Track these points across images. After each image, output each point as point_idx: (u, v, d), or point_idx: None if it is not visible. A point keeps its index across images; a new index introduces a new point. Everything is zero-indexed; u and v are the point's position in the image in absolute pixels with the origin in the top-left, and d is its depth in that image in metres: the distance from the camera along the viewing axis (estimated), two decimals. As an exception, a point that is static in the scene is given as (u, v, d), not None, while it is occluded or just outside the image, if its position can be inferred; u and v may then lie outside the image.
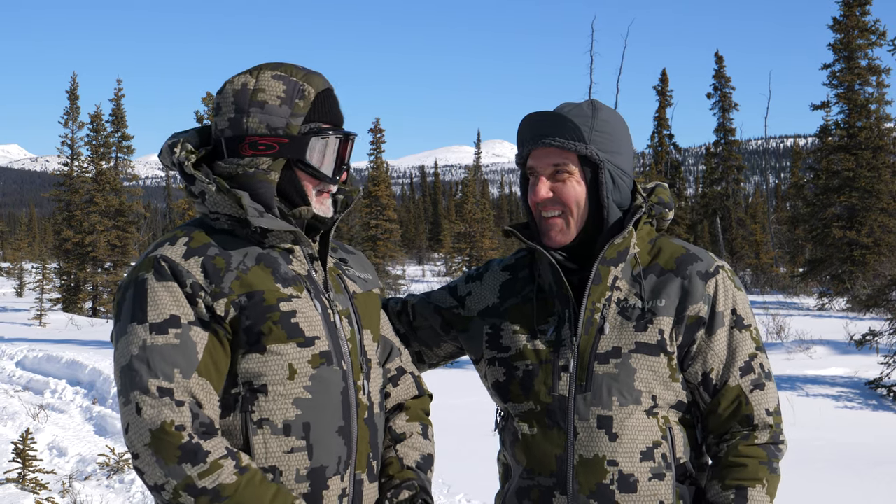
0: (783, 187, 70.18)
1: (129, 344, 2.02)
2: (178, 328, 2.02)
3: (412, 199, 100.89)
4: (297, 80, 2.18)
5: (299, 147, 2.16)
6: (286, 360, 2.08)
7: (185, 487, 1.93)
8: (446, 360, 2.65)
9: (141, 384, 1.97)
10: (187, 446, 1.93)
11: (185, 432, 1.94)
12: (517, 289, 2.44)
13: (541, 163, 2.32)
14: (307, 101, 2.17)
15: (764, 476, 2.23)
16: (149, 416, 1.94)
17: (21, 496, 6.59)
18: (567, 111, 2.32)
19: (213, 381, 2.04)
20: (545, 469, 2.29)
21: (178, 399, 1.96)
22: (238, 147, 2.17)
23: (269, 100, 2.15)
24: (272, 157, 2.16)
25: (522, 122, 2.36)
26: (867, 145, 29.22)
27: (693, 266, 2.31)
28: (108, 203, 31.01)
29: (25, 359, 14.48)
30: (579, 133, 2.28)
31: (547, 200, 2.31)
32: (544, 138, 2.30)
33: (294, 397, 2.07)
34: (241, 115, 2.16)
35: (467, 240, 37.48)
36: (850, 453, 8.15)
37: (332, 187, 2.24)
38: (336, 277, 2.27)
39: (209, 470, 1.93)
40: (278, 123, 2.15)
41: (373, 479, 2.21)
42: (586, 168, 2.31)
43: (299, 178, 2.18)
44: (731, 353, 2.30)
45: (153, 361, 1.98)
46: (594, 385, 2.26)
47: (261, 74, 2.18)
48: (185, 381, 1.99)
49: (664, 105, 40.23)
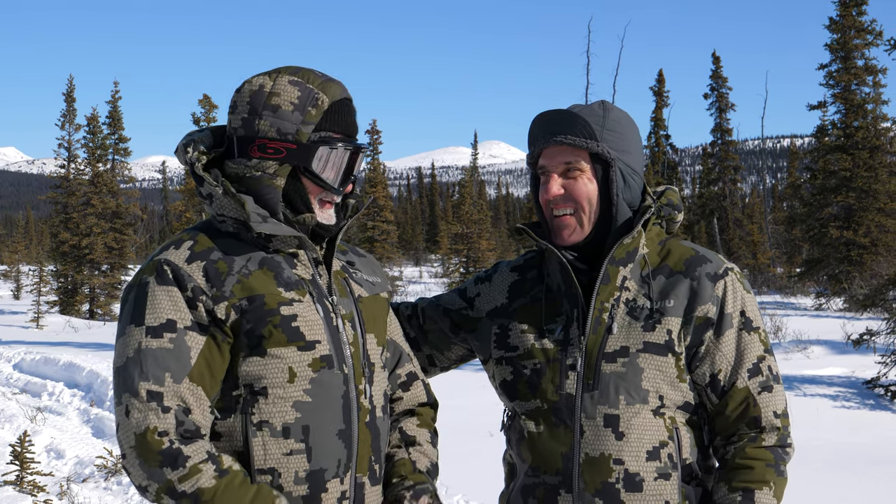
0: (780, 187, 70.22)
1: (125, 346, 2.05)
2: (174, 332, 2.04)
3: (409, 200, 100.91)
4: (313, 87, 2.18)
5: (306, 155, 2.16)
6: (286, 363, 2.09)
7: (166, 491, 1.97)
8: (457, 363, 2.65)
9: (132, 387, 2.00)
10: (168, 451, 1.97)
11: (166, 438, 1.98)
12: (526, 289, 2.45)
13: (552, 161, 2.33)
14: (319, 110, 2.17)
15: (771, 479, 2.23)
16: (135, 420, 1.99)
17: (19, 498, 6.58)
18: (579, 110, 2.33)
19: (205, 387, 2.05)
20: (551, 467, 2.29)
21: (165, 404, 1.99)
22: (248, 148, 2.18)
23: (282, 104, 2.16)
24: (279, 162, 2.16)
25: (534, 121, 2.38)
26: (864, 145, 29.24)
27: (702, 268, 2.32)
28: (104, 205, 30.97)
29: (23, 361, 14.46)
30: (591, 131, 2.30)
31: (558, 198, 2.32)
32: (556, 136, 2.31)
33: (294, 400, 2.09)
34: (254, 117, 2.17)
35: (464, 241, 37.47)
36: (847, 453, 8.16)
37: (336, 197, 2.24)
38: (341, 281, 2.27)
39: (188, 475, 1.96)
40: (289, 129, 2.15)
41: (375, 483, 2.21)
42: (597, 166, 2.32)
43: (304, 185, 2.19)
44: (740, 355, 2.30)
45: (146, 365, 2.01)
46: (601, 384, 2.26)
47: (279, 78, 2.19)
48: (175, 385, 2.01)
49: (661, 106, 40.25)
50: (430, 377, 2.68)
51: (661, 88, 40.63)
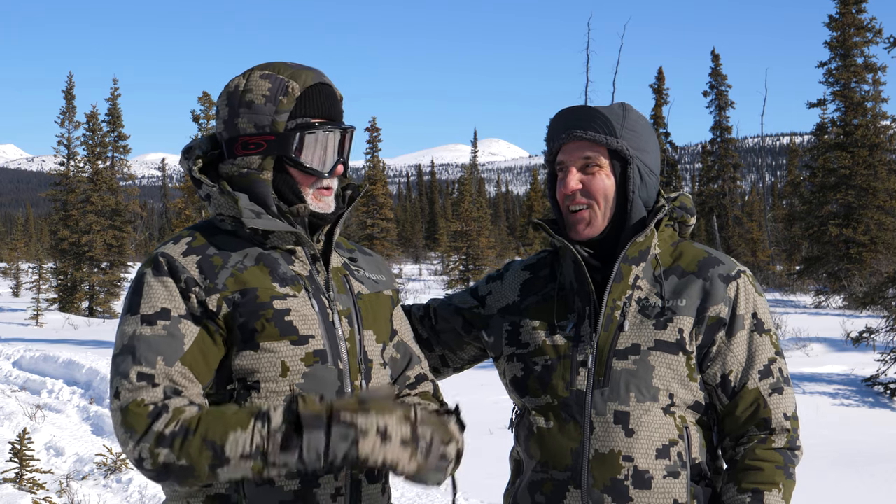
0: (780, 185, 70.27)
1: (122, 334, 2.07)
2: (168, 320, 2.06)
3: (409, 197, 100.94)
4: (284, 76, 2.19)
5: (285, 143, 2.17)
6: (279, 357, 2.09)
7: (157, 442, 1.93)
8: (470, 363, 2.66)
9: (123, 370, 2.02)
10: (154, 411, 1.96)
11: (153, 405, 1.96)
12: (538, 287, 2.46)
13: (571, 156, 2.35)
14: (291, 97, 2.18)
15: (780, 481, 2.24)
16: (123, 399, 1.98)
17: (18, 496, 6.58)
18: (599, 108, 2.35)
19: (198, 372, 2.06)
20: (560, 463, 2.30)
21: (155, 383, 2.00)
22: (233, 148, 2.21)
23: (255, 99, 2.18)
24: (261, 156, 2.18)
25: (554, 117, 2.40)
26: (863, 143, 29.26)
27: (715, 269, 2.33)
28: (104, 203, 30.98)
29: (22, 359, 14.47)
30: (611, 127, 2.32)
31: (576, 192, 2.33)
32: (576, 131, 2.33)
33: (286, 394, 2.09)
34: (234, 117, 2.20)
35: (464, 238, 37.49)
36: (846, 451, 8.17)
37: (330, 182, 2.24)
38: (341, 278, 2.27)
39: (172, 417, 1.95)
40: (264, 121, 2.17)
41: (373, 480, 2.20)
42: (616, 163, 2.34)
43: (291, 175, 2.20)
44: (751, 357, 2.31)
45: (139, 350, 2.03)
46: (612, 381, 2.27)
47: (251, 75, 2.22)
48: (166, 368, 2.02)
49: (660, 103, 40.22)
50: (444, 378, 2.69)
51: (660, 86, 40.60)
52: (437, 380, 2.64)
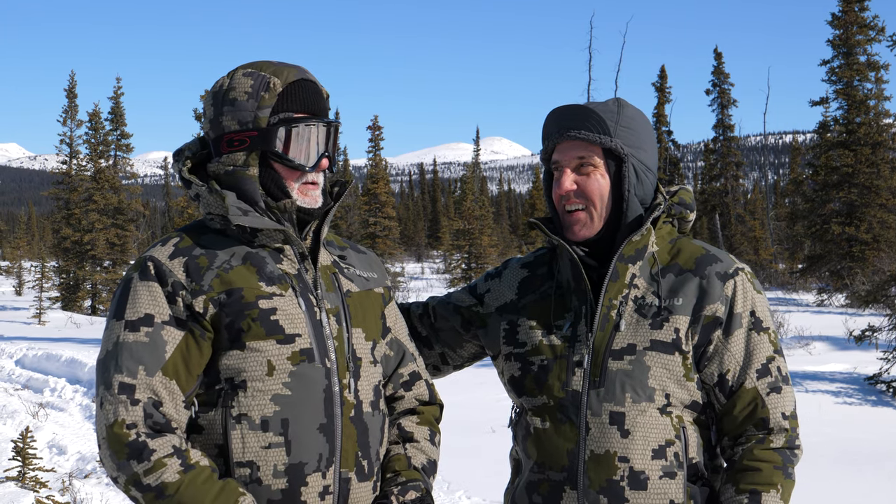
0: (782, 183, 70.17)
1: (107, 339, 2.11)
2: (150, 326, 2.08)
3: (411, 196, 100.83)
4: (266, 73, 2.21)
5: (268, 138, 2.19)
6: (265, 356, 2.11)
7: (132, 483, 2.01)
8: (470, 361, 2.65)
9: (107, 379, 2.06)
10: (134, 444, 2.00)
11: (134, 431, 2.01)
12: (535, 285, 2.45)
13: (566, 156, 2.33)
14: (273, 93, 2.19)
15: (779, 481, 2.22)
16: (105, 412, 2.04)
17: (21, 494, 6.59)
18: (593, 106, 2.33)
19: (179, 381, 2.09)
20: (556, 463, 2.29)
21: (136, 397, 2.04)
22: (219, 146, 2.23)
23: (238, 96, 2.20)
24: (245, 152, 2.20)
25: (548, 116, 2.38)
26: (866, 141, 29.20)
27: (712, 266, 2.31)
28: (106, 201, 30.97)
29: (25, 357, 14.48)
30: (605, 126, 2.30)
31: (571, 193, 2.32)
32: (569, 131, 2.32)
33: (273, 393, 2.10)
34: (219, 116, 2.22)
35: (466, 237, 37.47)
36: (849, 449, 8.16)
37: (316, 177, 2.25)
38: (330, 276, 2.27)
39: (153, 468, 1.99)
40: (247, 118, 2.19)
41: (364, 479, 2.20)
42: (610, 162, 2.32)
43: (276, 170, 2.21)
44: (749, 355, 2.29)
45: (121, 358, 2.06)
46: (607, 381, 2.26)
47: (234, 74, 2.24)
48: (148, 378, 2.05)
49: (663, 102, 40.18)
50: (444, 375, 2.69)
51: (663, 84, 40.56)
52: (437, 377, 2.65)
